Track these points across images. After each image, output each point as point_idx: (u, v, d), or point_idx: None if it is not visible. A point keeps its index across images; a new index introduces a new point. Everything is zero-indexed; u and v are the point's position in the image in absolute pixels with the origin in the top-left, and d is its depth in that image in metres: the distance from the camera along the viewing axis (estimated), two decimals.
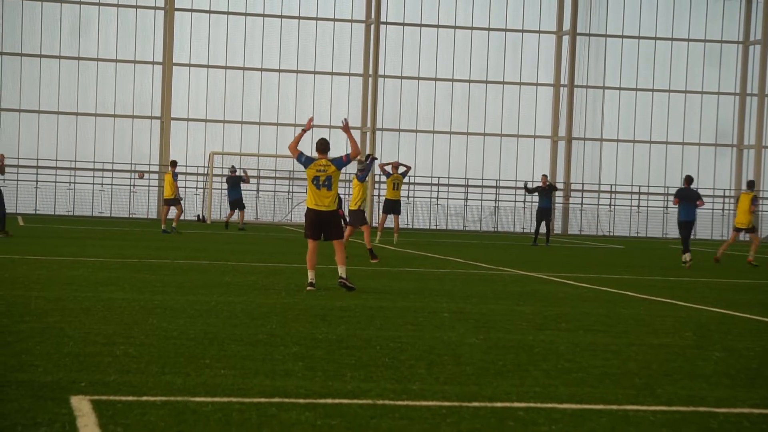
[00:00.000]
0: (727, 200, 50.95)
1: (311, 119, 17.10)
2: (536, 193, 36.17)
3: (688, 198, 27.27)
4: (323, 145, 16.63)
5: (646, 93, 50.64)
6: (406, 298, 15.78)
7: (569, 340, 11.74)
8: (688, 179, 27.77)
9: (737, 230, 28.04)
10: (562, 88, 49.86)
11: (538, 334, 12.08)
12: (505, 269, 22.97)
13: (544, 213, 35.68)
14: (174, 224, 34.85)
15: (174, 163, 35.54)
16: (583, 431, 7.36)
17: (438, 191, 49.11)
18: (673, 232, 48.70)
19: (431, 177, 48.81)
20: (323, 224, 16.54)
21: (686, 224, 27.32)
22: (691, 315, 15.09)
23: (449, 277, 20.33)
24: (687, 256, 26.60)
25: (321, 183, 16.42)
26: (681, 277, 22.92)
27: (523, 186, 35.80)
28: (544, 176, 36.59)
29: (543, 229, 36.35)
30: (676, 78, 50.71)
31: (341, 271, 16.55)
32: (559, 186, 49.12)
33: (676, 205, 27.56)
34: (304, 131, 16.64)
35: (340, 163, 16.54)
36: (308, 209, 16.64)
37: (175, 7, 47.21)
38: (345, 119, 17.03)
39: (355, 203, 24.17)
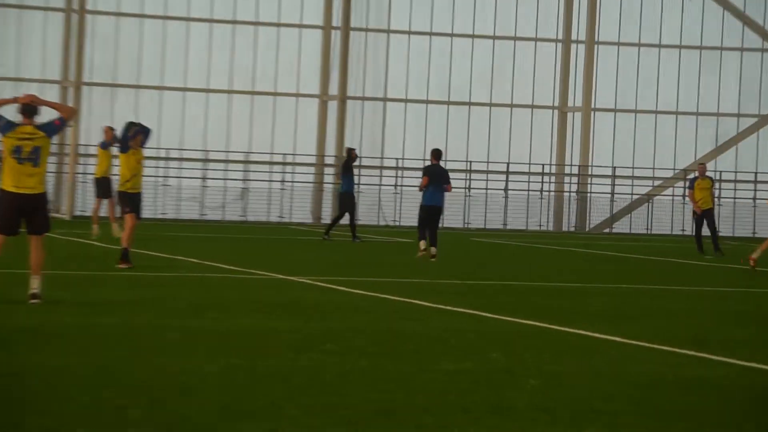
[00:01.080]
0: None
1: (29, 96, 16.44)
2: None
3: (438, 178, 27.07)
4: (30, 107, 16.29)
5: (443, 38, 51.36)
6: (119, 312, 15.71)
7: (339, 365, 11.87)
8: (436, 153, 27.34)
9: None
10: (333, 32, 50.15)
11: (298, 359, 12.20)
12: (257, 272, 23.09)
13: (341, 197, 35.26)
14: None
15: None
16: None
17: (168, 167, 48.59)
18: (478, 220, 49.66)
19: (158, 149, 47.65)
20: (24, 212, 16.19)
21: (436, 210, 27.19)
22: (498, 328, 15.47)
23: (180, 283, 20.38)
24: (423, 244, 27.13)
25: (24, 156, 16.09)
26: (483, 281, 23.44)
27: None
28: (348, 149, 36.28)
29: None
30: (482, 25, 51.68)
31: (35, 283, 16.12)
32: (329, 160, 49.29)
33: (422, 190, 27.20)
34: (14, 99, 16.43)
35: (52, 128, 16.39)
36: (3, 191, 16.20)
37: None
38: (18, 96, 16.52)
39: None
